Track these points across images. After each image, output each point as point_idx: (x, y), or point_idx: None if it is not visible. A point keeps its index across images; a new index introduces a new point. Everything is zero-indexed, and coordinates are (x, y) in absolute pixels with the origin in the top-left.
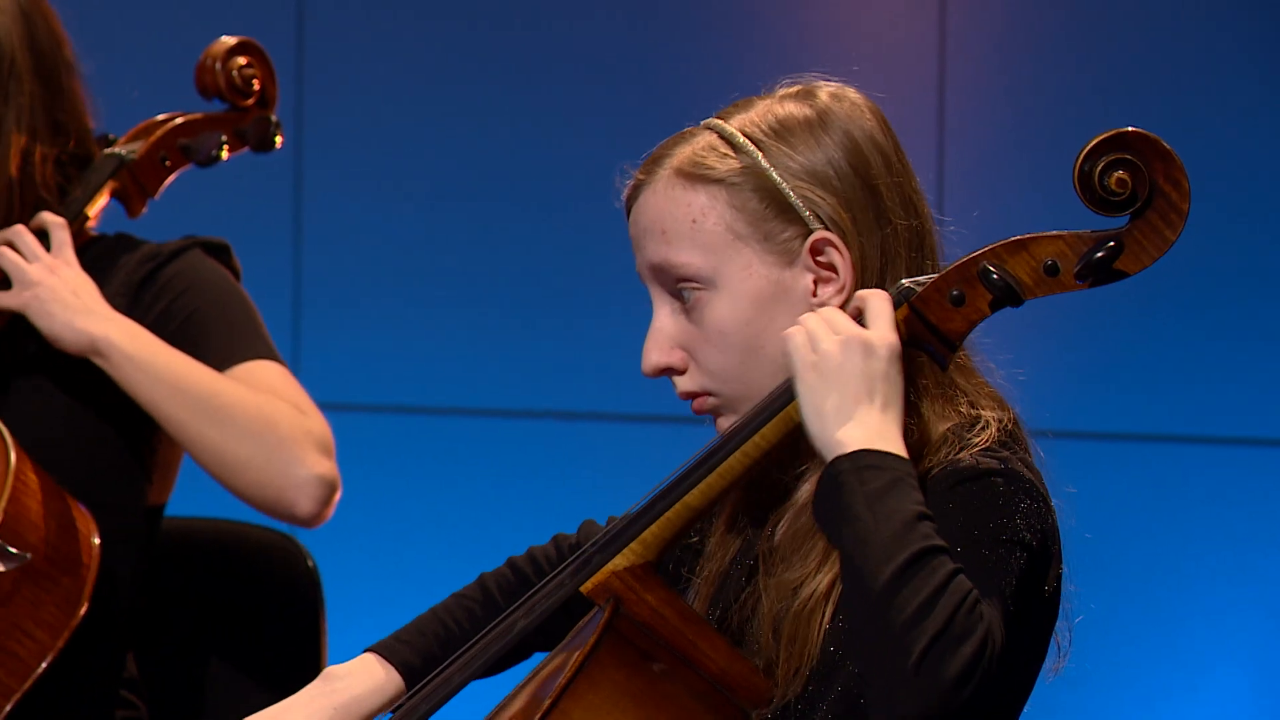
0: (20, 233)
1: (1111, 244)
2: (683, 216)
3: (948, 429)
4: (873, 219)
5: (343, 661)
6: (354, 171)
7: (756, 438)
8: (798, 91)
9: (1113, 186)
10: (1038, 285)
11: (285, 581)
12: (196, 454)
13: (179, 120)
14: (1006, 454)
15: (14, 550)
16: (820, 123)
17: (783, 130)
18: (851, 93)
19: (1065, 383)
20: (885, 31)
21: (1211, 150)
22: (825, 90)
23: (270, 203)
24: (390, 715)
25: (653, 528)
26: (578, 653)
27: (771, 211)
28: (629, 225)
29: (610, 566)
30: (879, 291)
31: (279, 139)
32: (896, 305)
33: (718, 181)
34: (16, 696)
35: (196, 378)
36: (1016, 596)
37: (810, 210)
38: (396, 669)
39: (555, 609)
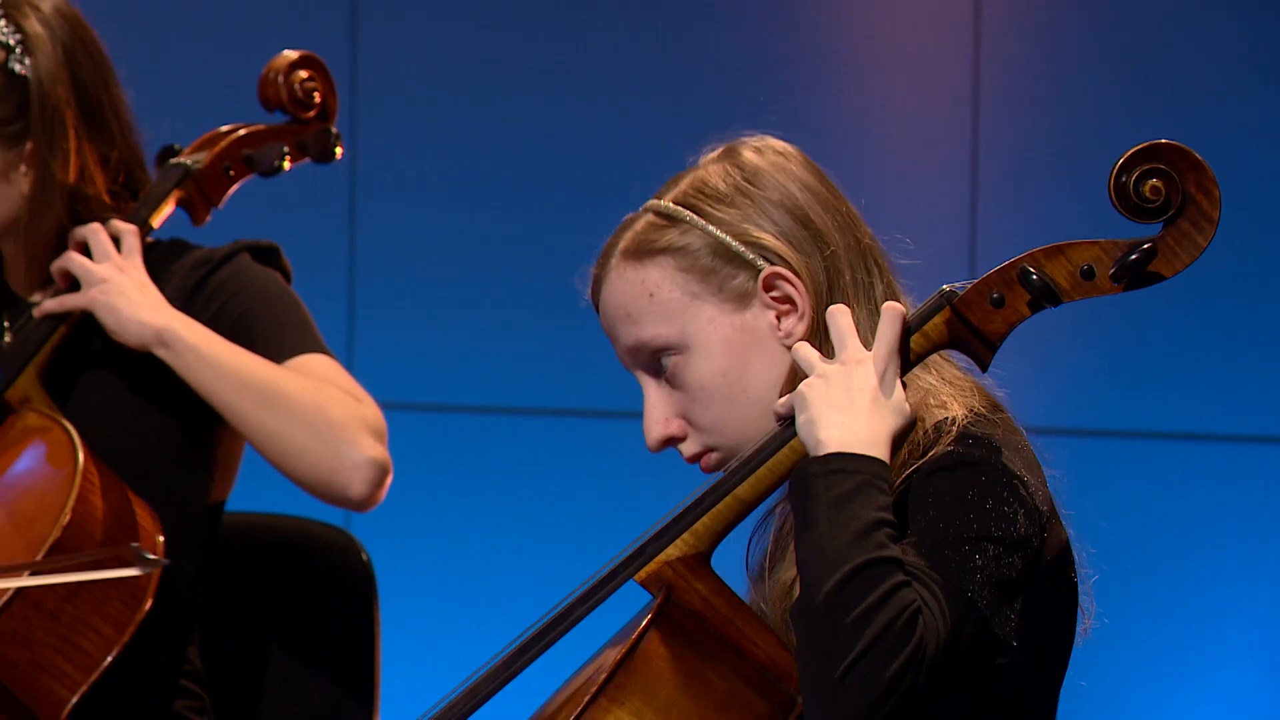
0: (96, 231)
1: (1146, 249)
2: (639, 294)
3: (928, 426)
4: (811, 246)
5: (394, 652)
6: (406, 179)
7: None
8: (720, 153)
9: (1147, 195)
10: (1075, 288)
11: (341, 575)
12: (255, 441)
13: (242, 131)
14: (987, 442)
15: (151, 556)
16: (745, 175)
17: (710, 190)
18: (773, 141)
19: (1066, 381)
20: (920, 42)
21: (1240, 156)
22: (747, 146)
23: (326, 210)
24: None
25: (704, 519)
26: (632, 635)
27: (718, 263)
28: (600, 321)
29: (663, 556)
30: (833, 309)
31: (339, 150)
32: (939, 308)
33: (662, 251)
34: (83, 689)
35: (255, 368)
36: (992, 590)
37: (753, 252)
38: None
39: (610, 597)
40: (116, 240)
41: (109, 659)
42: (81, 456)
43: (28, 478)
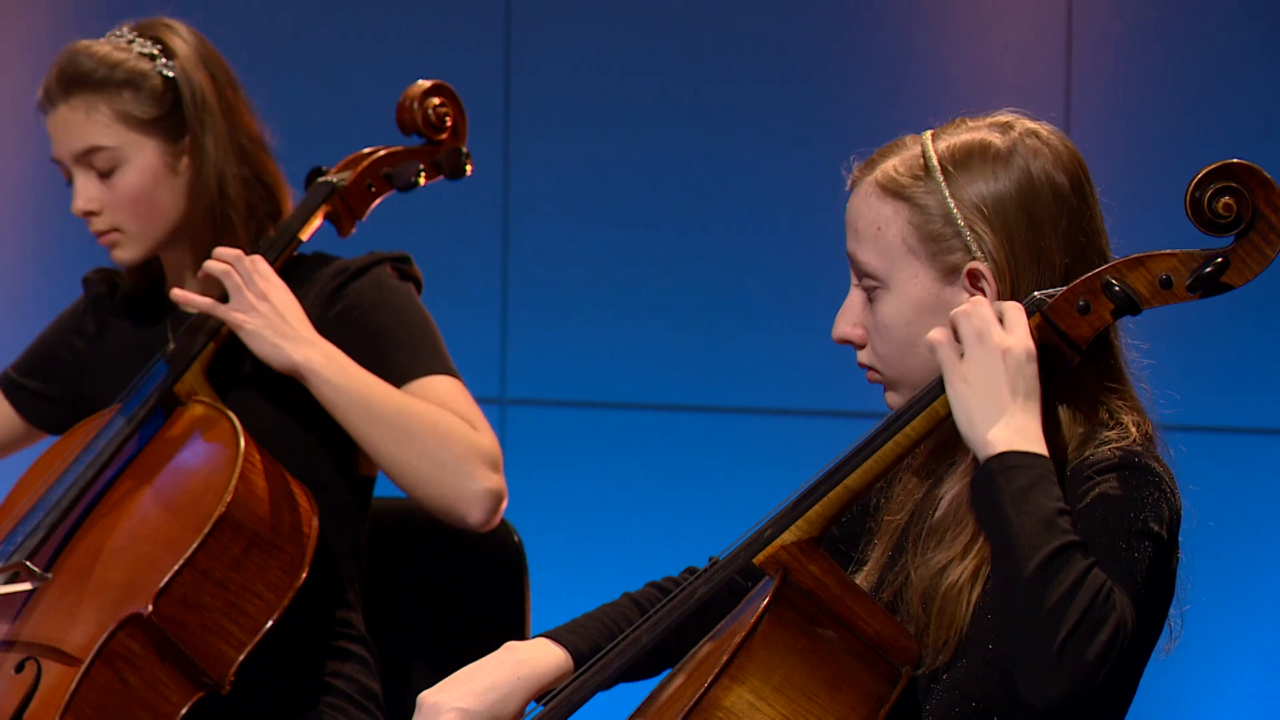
0: (240, 258)
1: (1219, 260)
2: (871, 221)
3: (1087, 429)
4: (1030, 258)
5: (543, 626)
6: (555, 192)
7: (907, 429)
8: (1001, 123)
9: (1220, 210)
10: (1154, 296)
11: (495, 555)
12: (382, 466)
13: (382, 152)
14: (1139, 450)
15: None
16: (1005, 158)
17: (968, 158)
18: (1044, 131)
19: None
20: (1016, 66)
21: None
22: (1021, 125)
23: (481, 222)
24: (563, 689)
25: (817, 507)
26: (751, 617)
27: (945, 234)
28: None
29: (779, 541)
30: (1013, 303)
31: (469, 167)
32: (1030, 314)
33: (905, 199)
34: (248, 648)
35: (384, 399)
36: (1145, 583)
37: (975, 241)
38: (568, 651)
39: (727, 580)
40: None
41: (270, 622)
42: (243, 441)
43: (196, 461)
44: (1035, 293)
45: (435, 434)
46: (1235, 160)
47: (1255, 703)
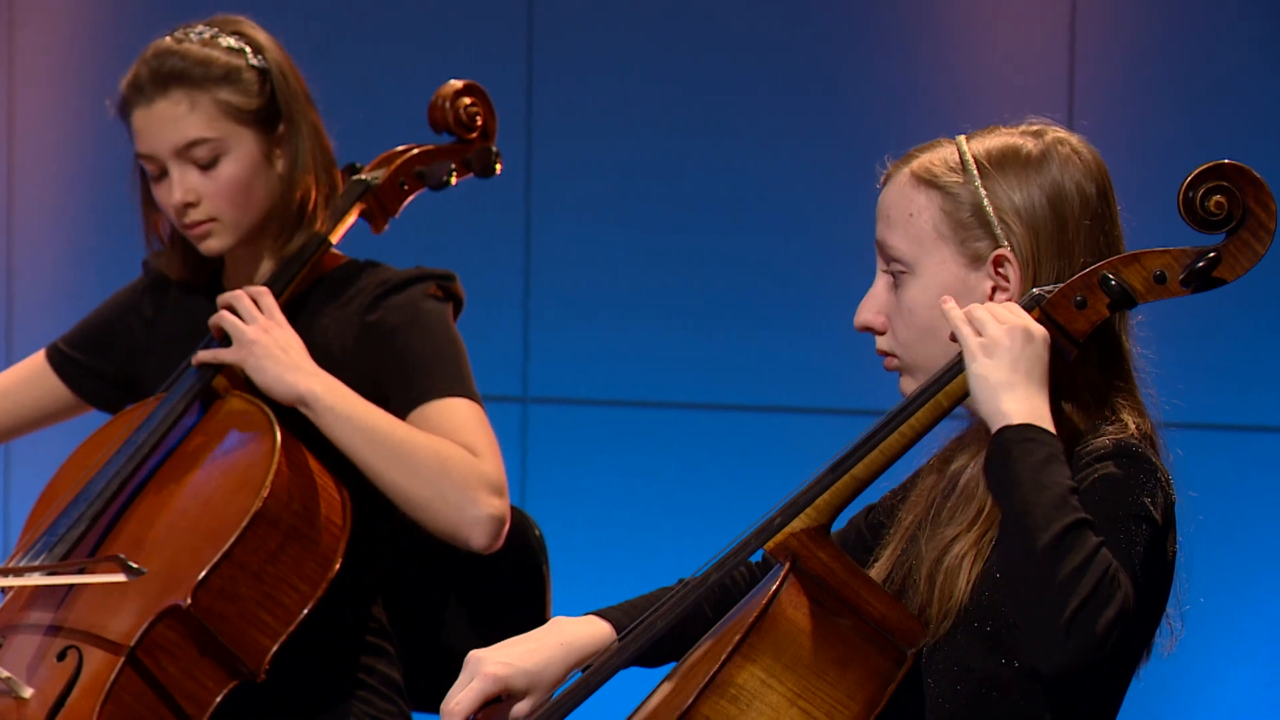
0: (239, 297)
1: (1212, 256)
2: (904, 208)
3: (1089, 423)
4: (1054, 252)
5: (561, 612)
6: (575, 196)
7: (912, 420)
8: (1034, 130)
9: (1212, 209)
10: (1149, 291)
11: (517, 547)
12: (386, 493)
13: (415, 150)
14: (1136, 442)
15: (134, 565)
16: (1037, 162)
17: (1005, 163)
18: (1075, 140)
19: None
20: (1018, 69)
21: None
22: (1053, 134)
23: (504, 226)
24: (589, 667)
25: (825, 496)
26: (763, 599)
27: (973, 224)
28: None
29: (789, 529)
30: (1011, 304)
31: (499, 166)
32: (1029, 308)
33: (939, 188)
34: (283, 638)
35: (387, 430)
36: (1141, 566)
37: (1004, 232)
38: (614, 627)
39: (743, 564)
40: (255, 301)
41: (304, 612)
42: (279, 436)
43: (233, 455)
44: (1034, 289)
45: (436, 463)
46: (1226, 161)
47: (1252, 699)
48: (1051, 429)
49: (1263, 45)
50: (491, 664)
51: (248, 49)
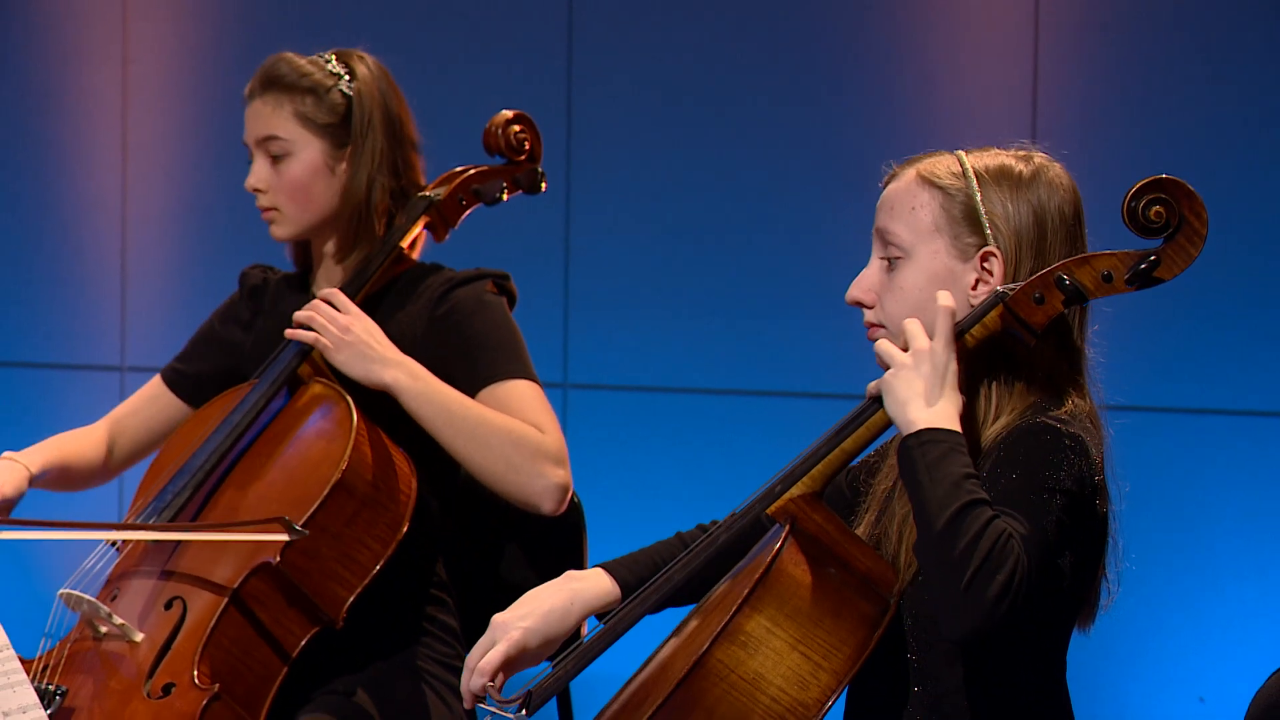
0: (334, 294)
1: (1152, 259)
2: (907, 202)
3: (1034, 401)
4: (1032, 256)
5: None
6: (608, 206)
7: None
8: (1023, 155)
9: (1151, 217)
10: (1098, 289)
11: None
12: (464, 465)
13: (472, 171)
14: (1066, 419)
15: (298, 527)
16: (1027, 182)
17: (999, 176)
18: (1057, 168)
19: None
20: (983, 89)
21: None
22: (1039, 159)
23: (547, 231)
24: (612, 615)
25: (819, 466)
26: (767, 556)
27: (966, 222)
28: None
29: (788, 495)
30: (941, 316)
31: (544, 184)
32: (994, 304)
33: (941, 189)
34: (358, 590)
35: (464, 409)
36: (1056, 531)
37: (993, 233)
38: (617, 582)
39: (748, 525)
40: (332, 302)
41: (377, 568)
42: (355, 417)
43: (316, 433)
44: (998, 287)
45: (508, 439)
46: (1164, 175)
47: (1212, 676)
48: (954, 425)
49: (1210, 72)
50: (514, 629)
51: (345, 75)
